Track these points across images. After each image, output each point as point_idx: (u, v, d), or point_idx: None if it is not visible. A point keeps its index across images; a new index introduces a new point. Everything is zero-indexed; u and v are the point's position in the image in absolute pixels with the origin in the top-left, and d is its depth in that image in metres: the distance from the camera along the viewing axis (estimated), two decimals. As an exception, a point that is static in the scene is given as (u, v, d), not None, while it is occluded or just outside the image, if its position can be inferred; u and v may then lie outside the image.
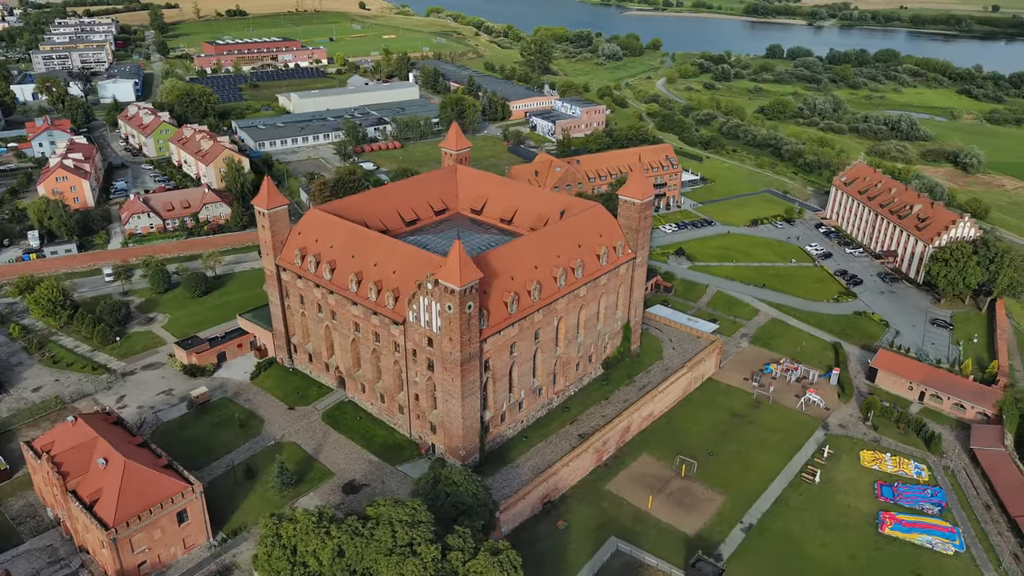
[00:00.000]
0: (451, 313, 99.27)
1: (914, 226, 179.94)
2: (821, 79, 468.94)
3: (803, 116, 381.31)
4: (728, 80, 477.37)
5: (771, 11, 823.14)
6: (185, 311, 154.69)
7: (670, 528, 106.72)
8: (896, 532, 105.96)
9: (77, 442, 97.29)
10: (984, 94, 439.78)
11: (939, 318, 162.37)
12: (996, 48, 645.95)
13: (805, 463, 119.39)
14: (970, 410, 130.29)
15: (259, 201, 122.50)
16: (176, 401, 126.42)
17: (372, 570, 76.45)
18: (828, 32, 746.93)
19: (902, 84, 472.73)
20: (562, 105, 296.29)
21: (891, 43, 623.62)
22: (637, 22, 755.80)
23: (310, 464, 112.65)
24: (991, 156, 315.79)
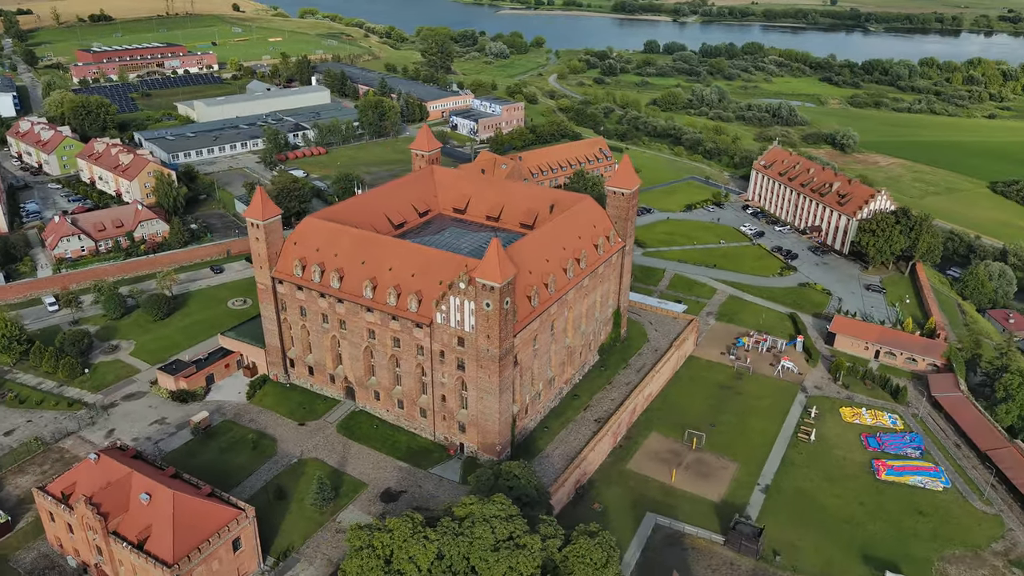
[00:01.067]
0: (490, 310, 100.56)
1: (836, 202, 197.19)
2: (700, 72, 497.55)
3: (693, 107, 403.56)
4: (615, 75, 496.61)
5: (637, 8, 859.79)
6: (151, 335, 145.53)
7: (696, 497, 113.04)
8: (891, 477, 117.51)
9: (107, 480, 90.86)
10: (843, 80, 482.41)
11: (872, 284, 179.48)
12: (839, 38, 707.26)
13: (797, 424, 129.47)
14: (921, 362, 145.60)
15: (253, 213, 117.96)
16: (173, 429, 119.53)
17: (476, 568, 77.14)
18: (691, 28, 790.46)
19: (770, 74, 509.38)
20: (480, 104, 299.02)
21: (748, 37, 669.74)
22: (512, 20, 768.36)
23: (339, 478, 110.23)
24: (862, 136, 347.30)
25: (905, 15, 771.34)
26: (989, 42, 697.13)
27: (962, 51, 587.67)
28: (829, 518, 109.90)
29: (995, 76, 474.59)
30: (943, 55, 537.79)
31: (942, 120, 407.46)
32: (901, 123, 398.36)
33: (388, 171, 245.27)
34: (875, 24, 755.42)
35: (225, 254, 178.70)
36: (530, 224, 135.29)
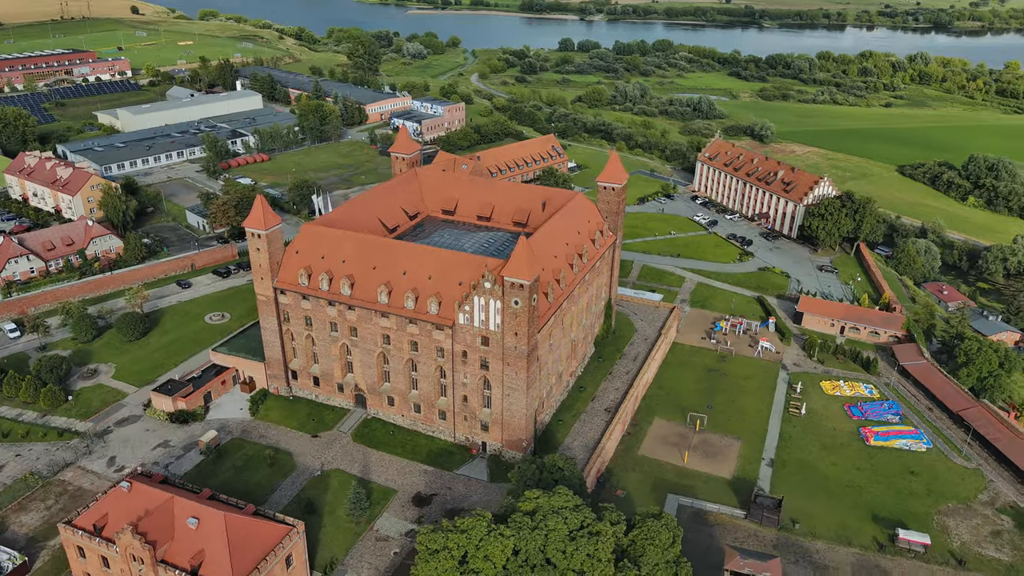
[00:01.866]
0: (518, 308, 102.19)
1: (782, 189, 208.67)
2: (617, 69, 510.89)
3: (617, 103, 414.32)
4: (535, 73, 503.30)
5: (545, 7, 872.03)
6: (129, 357, 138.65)
7: (710, 476, 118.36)
8: (879, 442, 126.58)
9: (145, 507, 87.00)
10: (751, 75, 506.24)
11: (824, 265, 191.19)
12: (736, 35, 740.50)
13: (787, 400, 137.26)
14: (883, 335, 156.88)
15: (254, 223, 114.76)
16: (180, 452, 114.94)
17: (553, 560, 78.88)
18: (598, 26, 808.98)
19: (682, 70, 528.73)
20: (421, 105, 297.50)
21: (652, 34, 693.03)
22: (421, 21, 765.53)
23: (365, 486, 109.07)
24: (777, 127, 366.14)
25: (795, 11, 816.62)
26: (871, 36, 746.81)
27: (847, 44, 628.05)
28: (832, 485, 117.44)
29: (885, 67, 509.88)
30: (829, 48, 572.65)
31: (844, 110, 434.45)
32: (808, 113, 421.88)
33: (337, 176, 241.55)
34: (769, 21, 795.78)
35: (189, 268, 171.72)
36: (523, 222, 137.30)
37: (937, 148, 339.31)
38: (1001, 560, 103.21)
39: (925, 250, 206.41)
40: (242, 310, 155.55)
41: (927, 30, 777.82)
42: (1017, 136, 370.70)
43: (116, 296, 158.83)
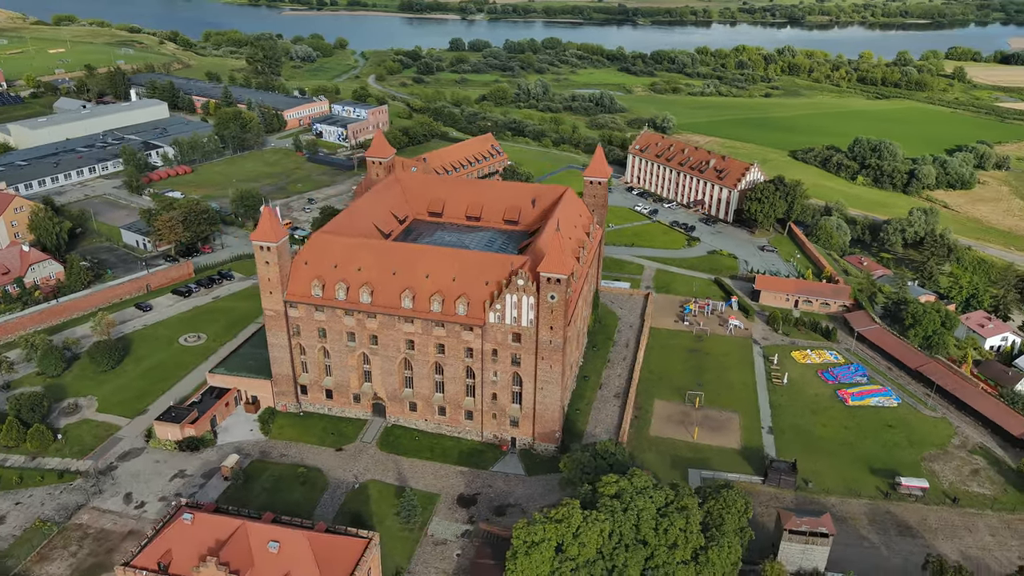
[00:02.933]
0: (554, 302, 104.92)
1: (715, 176, 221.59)
2: (512, 67, 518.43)
3: (521, 100, 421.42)
4: (432, 73, 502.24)
5: (424, 7, 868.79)
6: (109, 387, 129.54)
7: (720, 448, 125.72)
8: (856, 402, 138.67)
9: (215, 537, 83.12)
10: (640, 70, 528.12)
11: (764, 245, 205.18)
12: (612, 31, 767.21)
13: (767, 372, 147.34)
14: (834, 305, 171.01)
15: (263, 235, 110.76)
16: (200, 480, 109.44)
17: (646, 538, 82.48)
18: (479, 25, 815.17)
19: (574, 67, 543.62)
20: (343, 109, 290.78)
21: (532, 32, 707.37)
22: (297, 22, 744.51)
23: (407, 491, 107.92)
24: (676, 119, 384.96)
25: (665, 9, 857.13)
26: (735, 31, 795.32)
27: (714, 39, 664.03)
28: (827, 444, 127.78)
29: (758, 60, 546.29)
30: (700, 44, 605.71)
31: (730, 101, 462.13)
32: (700, 105, 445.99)
33: (271, 185, 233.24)
34: (643, 18, 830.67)
35: (145, 289, 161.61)
36: (515, 220, 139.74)
37: (819, 133, 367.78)
38: (985, 494, 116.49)
39: (837, 226, 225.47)
40: (217, 329, 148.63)
41: (783, 25, 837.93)
42: (883, 119, 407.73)
43: (72, 325, 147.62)
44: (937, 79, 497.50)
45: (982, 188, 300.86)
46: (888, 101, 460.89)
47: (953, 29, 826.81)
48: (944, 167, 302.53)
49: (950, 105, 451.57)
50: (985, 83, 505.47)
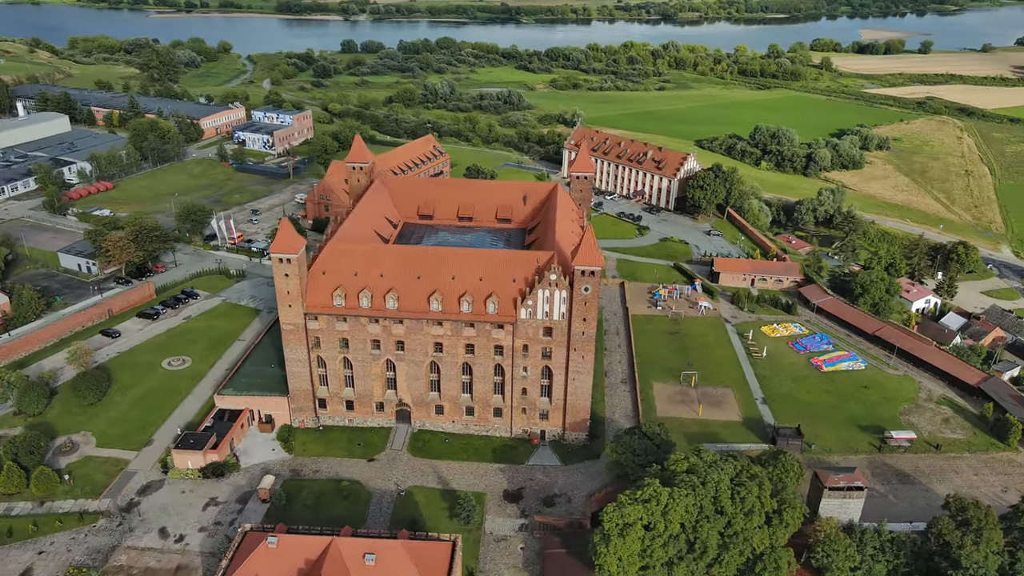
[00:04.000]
0: (588, 294, 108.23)
1: (654, 167, 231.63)
2: (412, 68, 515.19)
3: (429, 100, 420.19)
4: (330, 76, 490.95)
5: (303, 8, 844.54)
6: (102, 421, 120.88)
7: (724, 422, 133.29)
8: (829, 368, 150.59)
9: (304, 557, 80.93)
10: (538, 67, 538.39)
11: (709, 230, 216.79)
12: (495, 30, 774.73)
13: (746, 347, 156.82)
14: (786, 281, 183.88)
15: (283, 246, 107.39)
16: (237, 505, 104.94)
17: (724, 508, 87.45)
18: (363, 25, 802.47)
19: (471, 66, 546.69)
20: (264, 116, 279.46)
21: (418, 32, 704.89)
22: (167, 25, 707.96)
23: (451, 495, 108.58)
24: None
25: (547, 7, 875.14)
26: (614, 28, 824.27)
27: (597, 36, 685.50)
28: (815, 408, 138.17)
29: (646, 56, 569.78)
30: (580, 40, 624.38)
31: (629, 95, 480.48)
32: (600, 100, 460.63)
33: (205, 197, 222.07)
34: (526, 17, 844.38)
35: (107, 315, 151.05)
36: (508, 218, 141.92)
37: (715, 123, 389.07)
38: (960, 439, 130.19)
39: (759, 208, 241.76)
40: (199, 350, 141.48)
41: (657, 21, 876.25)
42: (768, 108, 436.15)
43: (36, 358, 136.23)
44: (808, 69, 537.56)
45: (870, 167, 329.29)
46: (770, 91, 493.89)
47: (807, 23, 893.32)
48: (836, 150, 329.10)
49: (823, 93, 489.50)
50: (849, 71, 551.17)
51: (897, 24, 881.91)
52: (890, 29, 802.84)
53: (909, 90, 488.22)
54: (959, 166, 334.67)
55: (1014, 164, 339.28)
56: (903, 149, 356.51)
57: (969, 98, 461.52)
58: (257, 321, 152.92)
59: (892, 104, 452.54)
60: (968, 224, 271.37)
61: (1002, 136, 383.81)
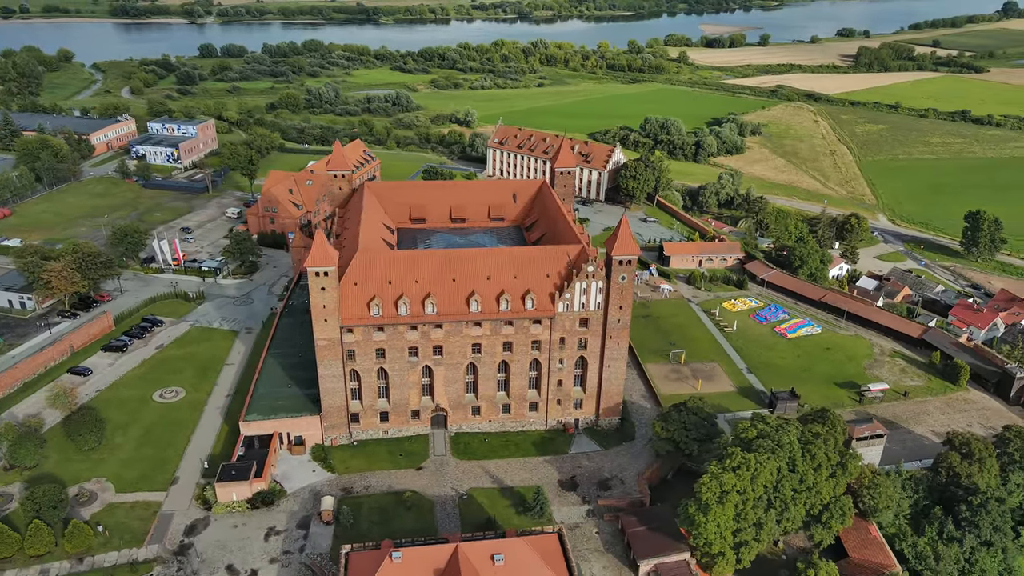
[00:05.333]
0: (624, 283, 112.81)
1: (583, 160, 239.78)
2: (284, 72, 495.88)
3: (314, 105, 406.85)
4: (196, 83, 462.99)
5: (141, 11, 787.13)
6: (112, 464, 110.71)
7: (723, 393, 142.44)
8: (793, 334, 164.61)
9: (433, 567, 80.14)
10: (415, 68, 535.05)
11: (645, 218, 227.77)
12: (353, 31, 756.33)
13: (716, 324, 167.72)
14: (730, 260, 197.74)
15: (318, 260, 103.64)
16: (300, 531, 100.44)
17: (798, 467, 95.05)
18: (211, 28, 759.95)
19: (344, 68, 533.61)
20: (164, 127, 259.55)
21: (271, 35, 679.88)
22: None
23: (511, 492, 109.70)
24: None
25: (405, 7, 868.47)
26: (473, 27, 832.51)
27: (461, 36, 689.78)
28: (793, 372, 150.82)
29: (518, 54, 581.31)
30: (441, 40, 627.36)
31: (509, 92, 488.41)
32: (487, 98, 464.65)
33: (120, 218, 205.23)
34: (385, 17, 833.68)
35: (68, 352, 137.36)
36: (500, 217, 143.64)
37: (600, 116, 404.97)
38: (920, 386, 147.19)
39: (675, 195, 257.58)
40: (189, 380, 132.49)
41: (514, 20, 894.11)
42: (642, 101, 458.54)
43: (3, 407, 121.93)
44: (670, 64, 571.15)
45: (750, 152, 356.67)
46: (641, 85, 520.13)
47: (651, 19, 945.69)
48: (719, 136, 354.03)
49: (687, 85, 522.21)
50: (704, 64, 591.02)
51: (729, 19, 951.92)
52: (725, 24, 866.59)
53: (760, 80, 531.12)
54: (823, 147, 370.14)
55: (867, 143, 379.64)
56: (772, 134, 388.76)
57: (811, 85, 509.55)
58: (239, 343, 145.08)
59: (749, 93, 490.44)
60: (845, 198, 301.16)
61: (849, 118, 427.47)
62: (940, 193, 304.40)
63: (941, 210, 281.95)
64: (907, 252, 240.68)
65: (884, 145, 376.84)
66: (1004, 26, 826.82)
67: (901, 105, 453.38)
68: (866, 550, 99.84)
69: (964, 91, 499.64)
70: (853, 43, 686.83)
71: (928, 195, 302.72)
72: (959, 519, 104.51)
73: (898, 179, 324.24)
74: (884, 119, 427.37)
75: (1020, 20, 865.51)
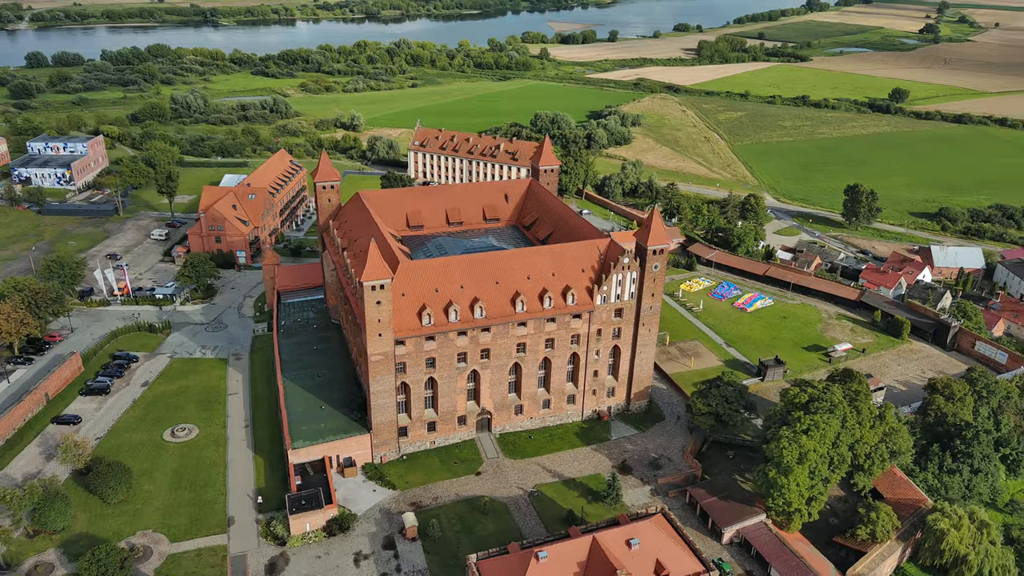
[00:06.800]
0: (656, 271, 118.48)
1: (510, 158, 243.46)
2: (136, 80, 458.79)
3: (183, 115, 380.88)
4: (33, 95, 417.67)
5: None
6: (152, 515, 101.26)
7: (714, 367, 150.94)
8: (750, 308, 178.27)
9: (577, 560, 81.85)
10: (279, 72, 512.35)
11: (581, 211, 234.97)
12: (189, 33, 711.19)
13: (682, 304, 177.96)
14: (673, 244, 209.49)
15: (374, 273, 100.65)
16: (388, 553, 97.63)
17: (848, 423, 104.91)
18: (24, 35, 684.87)
19: (200, 74, 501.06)
20: (48, 147, 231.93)
21: (98, 40, 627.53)
22: None
23: (574, 482, 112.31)
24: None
25: (245, 8, 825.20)
26: (320, 28, 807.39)
27: (308, 38, 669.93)
28: (764, 341, 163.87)
29: (383, 54, 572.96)
30: (288, 42, 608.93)
31: (386, 94, 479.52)
32: (368, 101, 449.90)
33: (23, 249, 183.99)
34: (224, 18, 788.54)
35: (44, 402, 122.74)
36: (496, 217, 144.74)
37: (486, 114, 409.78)
38: (870, 342, 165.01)
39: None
40: (195, 415, 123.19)
41: (362, 20, 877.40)
42: (517, 97, 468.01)
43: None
44: (534, 60, 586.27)
45: (637, 142, 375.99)
46: (512, 82, 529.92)
47: (497, 17, 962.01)
48: (607, 129, 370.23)
49: (555, 80, 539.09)
50: (565, 60, 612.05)
51: (569, 16, 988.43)
52: (568, 21, 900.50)
53: (621, 74, 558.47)
54: (698, 135, 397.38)
55: (733, 129, 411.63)
56: (651, 125, 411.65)
57: (667, 77, 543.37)
58: (232, 371, 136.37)
59: (615, 86, 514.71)
60: (731, 180, 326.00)
61: (711, 107, 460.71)
62: (809, 171, 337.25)
63: (813, 186, 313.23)
64: (799, 226, 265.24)
65: (747, 130, 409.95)
66: (812, 18, 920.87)
67: (750, 93, 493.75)
68: (898, 490, 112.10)
69: (796, 78, 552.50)
70: (690, 37, 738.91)
71: (799, 173, 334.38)
72: (955, 452, 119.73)
73: (769, 161, 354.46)
74: (739, 107, 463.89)
75: (823, 13, 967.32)
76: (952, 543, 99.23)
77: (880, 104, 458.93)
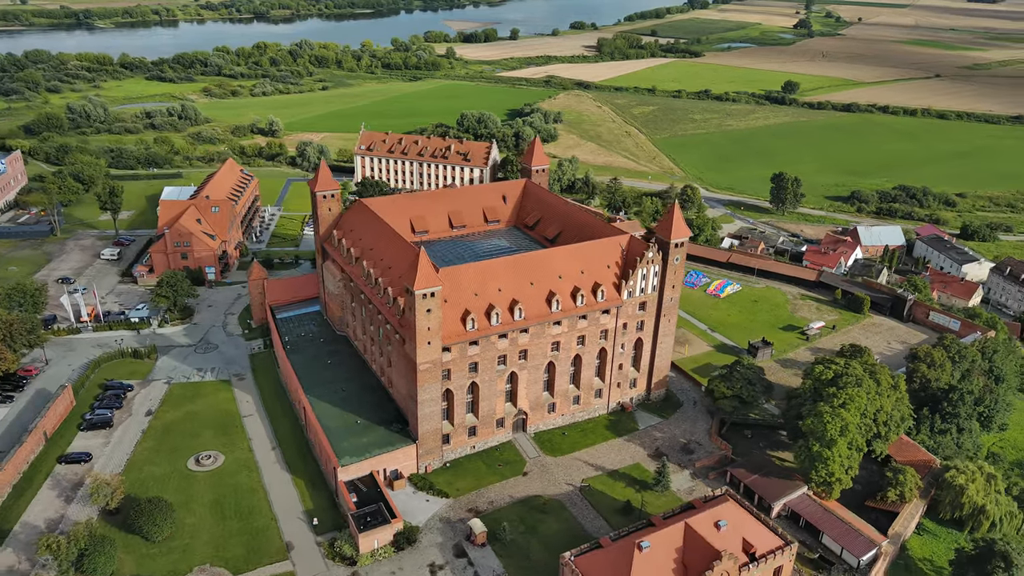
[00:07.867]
0: (677, 264, 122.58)
1: (462, 160, 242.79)
2: (18, 89, 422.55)
3: (82, 125, 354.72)
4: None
5: None
6: (204, 548, 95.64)
7: (707, 352, 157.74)
8: (722, 294, 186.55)
9: (675, 546, 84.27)
10: (178, 76, 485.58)
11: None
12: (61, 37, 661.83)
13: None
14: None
15: (426, 281, 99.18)
16: (462, 562, 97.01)
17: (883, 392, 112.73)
18: None
19: (90, 81, 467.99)
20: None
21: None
22: None
23: (618, 473, 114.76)
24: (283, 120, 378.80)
25: (122, 9, 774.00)
26: (206, 29, 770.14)
27: (190, 39, 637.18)
28: (742, 324, 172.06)
29: (285, 56, 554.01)
30: (169, 44, 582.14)
31: (296, 98, 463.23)
32: (281, 105, 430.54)
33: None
34: (100, 20, 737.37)
35: (43, 440, 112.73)
36: (496, 219, 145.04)
37: (407, 115, 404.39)
38: (835, 319, 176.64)
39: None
40: (215, 441, 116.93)
41: (250, 20, 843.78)
42: (431, 97, 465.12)
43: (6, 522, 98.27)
44: (442, 60, 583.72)
45: (562, 139, 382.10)
46: (423, 82, 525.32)
47: (390, 16, 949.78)
48: (533, 127, 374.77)
49: (467, 79, 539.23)
50: (472, 59, 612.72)
51: (463, 15, 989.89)
52: (463, 20, 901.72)
53: (529, 72, 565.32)
54: (619, 130, 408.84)
55: (649, 123, 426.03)
56: (572, 121, 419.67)
57: (574, 73, 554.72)
58: (241, 392, 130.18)
59: (526, 84, 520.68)
60: (660, 173, 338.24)
61: (623, 103, 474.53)
62: (726, 161, 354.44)
63: (732, 176, 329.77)
64: (732, 214, 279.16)
65: (662, 124, 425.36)
66: (695, 16, 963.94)
67: (656, 88, 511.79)
68: (907, 453, 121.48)
69: (695, 73, 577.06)
70: (587, 35, 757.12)
71: (719, 163, 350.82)
72: (944, 414, 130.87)
73: (690, 153, 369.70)
74: (649, 101, 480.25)
75: (704, 11, 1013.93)
76: (972, 496, 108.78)
77: (776, 96, 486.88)
